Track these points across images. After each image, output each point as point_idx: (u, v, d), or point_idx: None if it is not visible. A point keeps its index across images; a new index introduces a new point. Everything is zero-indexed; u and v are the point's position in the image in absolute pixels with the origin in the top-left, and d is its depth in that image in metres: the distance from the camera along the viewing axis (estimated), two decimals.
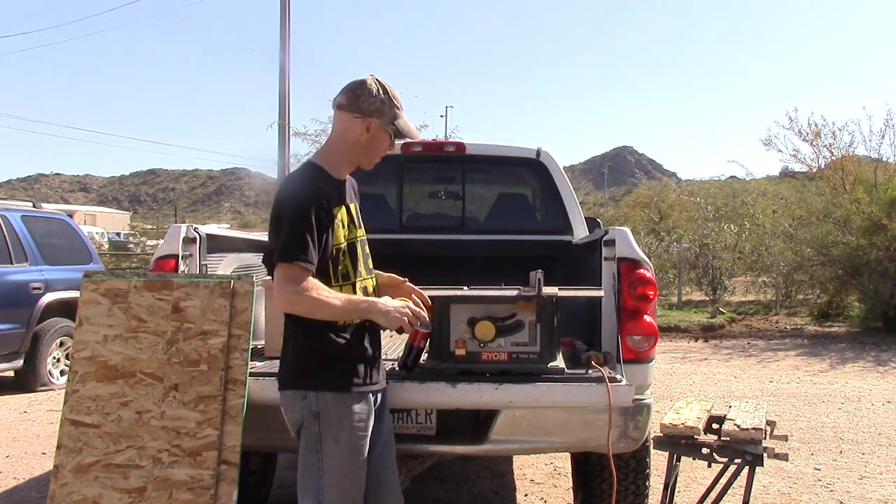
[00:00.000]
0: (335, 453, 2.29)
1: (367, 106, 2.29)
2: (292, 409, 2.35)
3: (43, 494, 4.31)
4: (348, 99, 2.30)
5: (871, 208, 11.98)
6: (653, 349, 3.05)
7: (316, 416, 2.28)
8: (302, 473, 2.34)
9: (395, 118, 2.34)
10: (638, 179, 56.37)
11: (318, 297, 2.18)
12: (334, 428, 2.28)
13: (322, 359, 2.30)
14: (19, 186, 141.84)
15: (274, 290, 2.23)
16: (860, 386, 8.01)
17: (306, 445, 2.32)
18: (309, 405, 2.29)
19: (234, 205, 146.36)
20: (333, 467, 2.29)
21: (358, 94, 2.29)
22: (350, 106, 2.30)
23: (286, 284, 2.18)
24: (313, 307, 2.19)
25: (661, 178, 42.62)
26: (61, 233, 8.33)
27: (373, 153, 2.40)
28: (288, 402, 2.36)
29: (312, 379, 2.31)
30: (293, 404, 2.34)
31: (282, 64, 14.58)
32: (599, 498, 3.41)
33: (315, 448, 2.30)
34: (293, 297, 2.18)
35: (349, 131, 2.32)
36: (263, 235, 4.87)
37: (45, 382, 7.62)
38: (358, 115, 2.30)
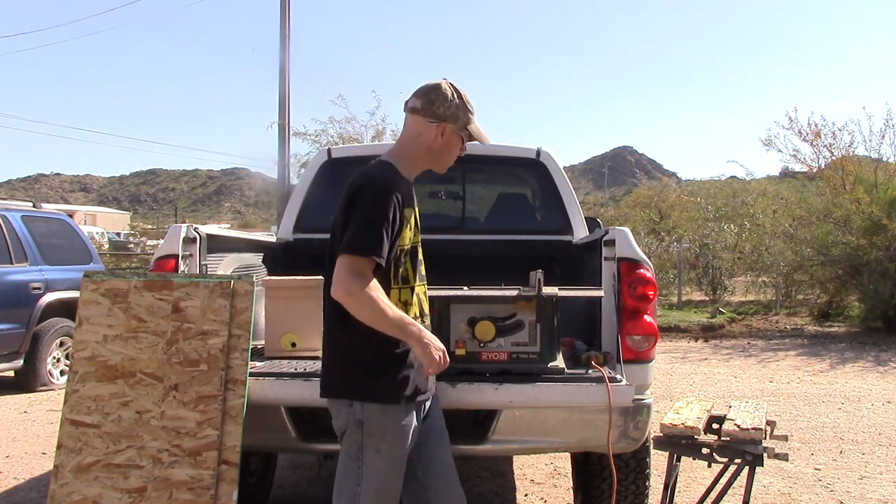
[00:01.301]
0: (375, 463, 2.26)
1: (442, 111, 2.30)
2: (337, 414, 2.32)
3: (43, 494, 4.31)
4: (423, 103, 2.30)
5: (871, 208, 11.98)
6: (653, 349, 3.05)
7: (360, 424, 2.25)
8: (340, 477, 2.31)
9: (468, 123, 2.35)
10: (638, 179, 56.20)
11: (376, 300, 2.12)
12: (376, 438, 2.25)
13: (371, 368, 2.25)
14: (19, 186, 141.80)
15: (335, 278, 2.15)
16: (860, 386, 8.01)
17: (347, 451, 2.30)
18: (354, 413, 2.26)
19: (234, 205, 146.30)
20: (372, 476, 2.26)
21: (433, 99, 2.30)
22: (425, 110, 2.30)
23: (351, 276, 2.11)
24: (367, 307, 2.13)
25: (661, 178, 42.53)
26: (61, 233, 8.33)
27: (445, 157, 2.39)
28: (333, 409, 2.34)
29: (359, 389, 2.26)
30: (338, 410, 2.31)
31: (282, 64, 14.58)
32: (599, 498, 3.41)
33: (356, 455, 2.27)
34: (354, 290, 2.11)
35: (423, 135, 2.32)
36: (263, 235, 4.89)
37: (45, 382, 7.62)
38: (433, 120, 2.30)
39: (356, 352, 2.26)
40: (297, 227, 4.62)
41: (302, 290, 3.17)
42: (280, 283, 3.24)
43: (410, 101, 2.34)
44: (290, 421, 2.87)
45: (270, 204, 42.92)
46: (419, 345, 2.20)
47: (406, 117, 2.36)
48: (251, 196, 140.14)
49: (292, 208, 4.69)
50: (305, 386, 2.73)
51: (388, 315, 2.14)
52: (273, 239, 4.48)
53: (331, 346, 2.33)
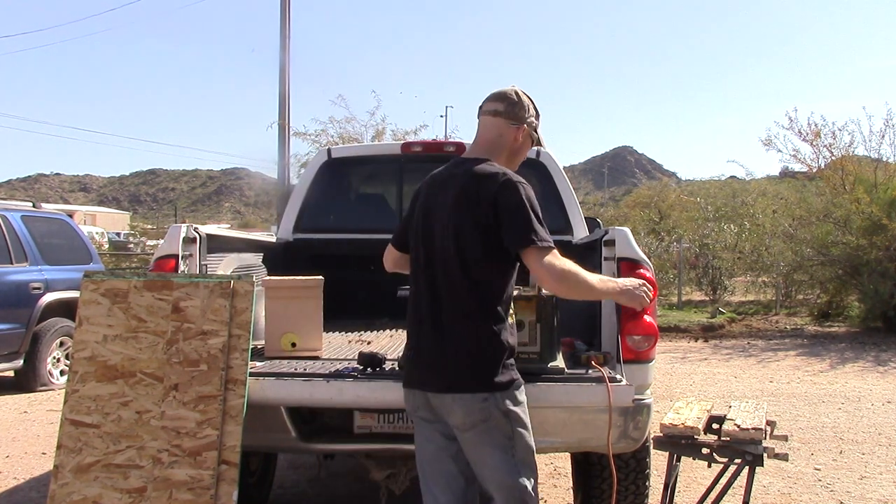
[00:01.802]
0: (527, 445, 2.31)
1: (523, 114, 2.46)
2: (469, 411, 2.25)
3: (43, 494, 4.31)
4: (506, 107, 2.45)
5: (871, 208, 11.98)
6: (653, 349, 3.05)
7: (507, 414, 2.26)
8: (492, 471, 2.27)
9: (538, 126, 2.54)
10: (638, 179, 56.42)
11: (581, 275, 2.26)
12: (522, 421, 2.30)
13: (500, 356, 2.28)
14: (19, 186, 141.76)
15: (547, 272, 2.23)
16: (860, 386, 8.01)
17: (495, 443, 2.26)
18: (496, 404, 2.25)
19: (234, 205, 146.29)
20: (528, 460, 2.31)
21: (514, 103, 2.46)
22: (507, 113, 2.45)
23: (554, 265, 2.23)
24: (579, 285, 2.27)
25: (661, 178, 42.61)
26: (61, 233, 8.33)
27: (520, 157, 2.55)
28: (462, 405, 2.26)
29: (495, 379, 2.26)
30: (470, 406, 2.24)
31: (282, 64, 14.58)
32: (599, 498, 3.41)
33: (509, 446, 2.27)
34: (565, 275, 2.23)
35: (504, 136, 2.45)
36: (263, 235, 4.89)
37: (45, 382, 7.62)
38: (515, 123, 2.45)
39: (483, 342, 2.27)
40: (297, 227, 4.61)
41: (302, 290, 3.17)
42: (280, 283, 3.24)
43: (489, 105, 2.47)
44: (290, 421, 2.87)
45: (270, 204, 42.91)
46: (626, 294, 2.36)
47: (484, 120, 2.48)
48: (251, 196, 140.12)
49: (292, 208, 4.69)
50: (305, 386, 2.72)
51: (595, 284, 2.30)
52: (273, 239, 4.48)
53: (453, 341, 2.29)
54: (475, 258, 2.27)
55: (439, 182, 2.44)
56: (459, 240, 2.29)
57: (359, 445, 3.00)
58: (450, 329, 2.29)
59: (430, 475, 2.39)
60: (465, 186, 2.32)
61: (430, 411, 2.35)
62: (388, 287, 3.62)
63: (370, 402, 2.76)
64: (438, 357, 2.31)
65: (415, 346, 2.42)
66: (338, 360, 3.07)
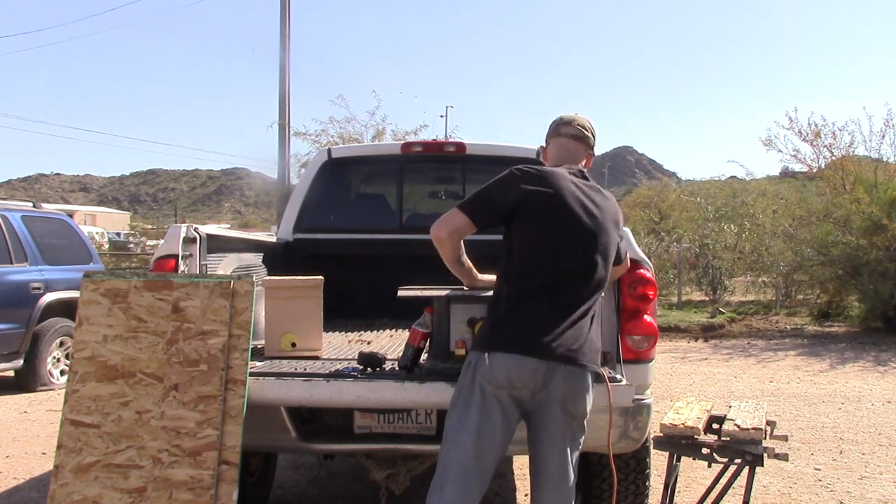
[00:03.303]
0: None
1: (593, 143, 2.78)
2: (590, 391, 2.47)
3: (43, 494, 4.31)
4: (587, 133, 2.74)
5: (871, 208, 11.98)
6: (653, 349, 3.05)
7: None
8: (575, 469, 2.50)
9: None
10: (638, 179, 56.42)
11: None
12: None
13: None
14: (19, 186, 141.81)
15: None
16: (860, 386, 8.01)
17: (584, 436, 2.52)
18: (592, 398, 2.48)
19: (234, 205, 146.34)
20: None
21: (592, 132, 2.76)
22: (586, 140, 2.74)
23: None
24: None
25: (661, 178, 42.56)
26: (61, 233, 8.32)
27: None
28: (590, 385, 2.46)
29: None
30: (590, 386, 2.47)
31: (282, 64, 14.57)
32: (599, 498, 3.40)
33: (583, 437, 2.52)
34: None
35: (581, 160, 2.72)
36: (263, 235, 4.88)
37: (45, 382, 7.62)
38: (589, 150, 2.75)
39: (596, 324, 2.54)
40: (297, 228, 4.61)
41: (302, 290, 3.17)
42: (280, 283, 3.24)
43: (570, 129, 2.72)
44: (290, 421, 2.87)
45: (270, 204, 42.85)
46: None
47: (569, 142, 2.71)
48: (251, 196, 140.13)
49: (292, 208, 4.69)
50: (305, 386, 2.72)
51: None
52: (273, 239, 4.47)
53: (587, 320, 2.48)
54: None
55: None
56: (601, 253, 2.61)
57: (359, 445, 3.00)
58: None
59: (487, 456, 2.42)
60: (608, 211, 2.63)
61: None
62: (388, 287, 3.62)
63: (370, 402, 2.76)
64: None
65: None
66: (338, 360, 3.07)
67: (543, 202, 2.48)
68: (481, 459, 2.37)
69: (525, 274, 2.46)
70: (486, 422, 2.36)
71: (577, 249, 2.47)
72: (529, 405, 2.40)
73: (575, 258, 2.46)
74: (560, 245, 2.46)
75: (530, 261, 2.46)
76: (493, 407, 2.36)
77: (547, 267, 2.45)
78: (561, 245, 2.46)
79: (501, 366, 2.35)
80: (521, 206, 2.48)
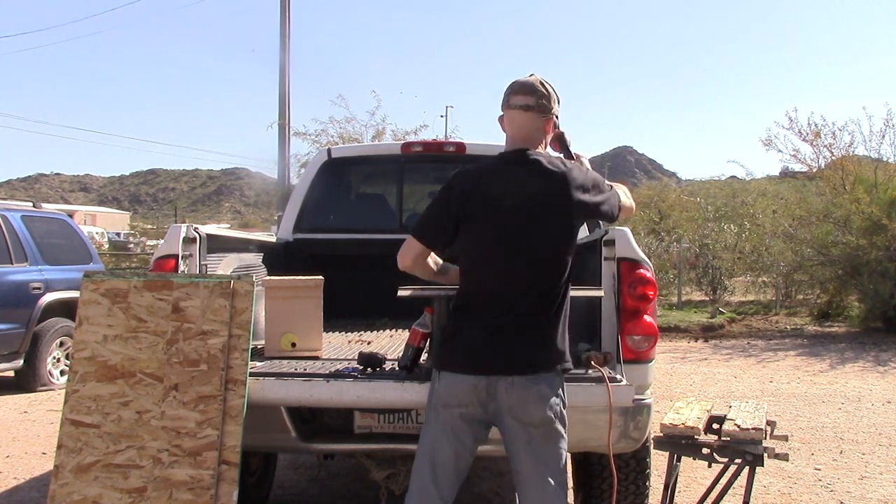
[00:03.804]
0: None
1: (550, 105, 2.48)
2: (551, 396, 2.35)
3: (43, 494, 4.31)
4: (535, 100, 2.44)
5: (871, 208, 11.98)
6: (653, 349, 3.05)
7: (565, 412, 2.39)
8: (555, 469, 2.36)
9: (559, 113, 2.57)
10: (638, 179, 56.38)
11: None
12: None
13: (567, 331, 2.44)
14: (19, 186, 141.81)
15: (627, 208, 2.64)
16: (860, 386, 8.01)
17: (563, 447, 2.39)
18: (564, 399, 2.39)
19: (234, 205, 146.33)
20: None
21: (542, 95, 2.46)
22: (538, 107, 2.45)
23: (628, 201, 2.62)
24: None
25: (661, 178, 42.56)
26: (61, 233, 8.32)
27: (546, 146, 2.58)
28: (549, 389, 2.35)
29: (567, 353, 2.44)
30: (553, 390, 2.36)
31: (282, 64, 14.59)
32: (599, 498, 3.40)
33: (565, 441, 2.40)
34: (630, 202, 2.64)
35: (539, 130, 2.48)
36: (263, 235, 4.88)
37: (45, 382, 7.62)
38: (545, 115, 2.47)
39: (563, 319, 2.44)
40: (297, 227, 4.61)
41: (302, 290, 3.17)
42: (280, 283, 3.24)
43: (519, 98, 2.45)
44: (290, 421, 2.87)
45: (270, 204, 42.83)
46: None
47: (516, 115, 2.46)
48: (251, 196, 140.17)
49: (292, 208, 4.69)
50: (305, 386, 2.72)
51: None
52: (273, 239, 4.47)
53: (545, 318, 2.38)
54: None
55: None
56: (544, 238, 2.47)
57: (359, 445, 3.00)
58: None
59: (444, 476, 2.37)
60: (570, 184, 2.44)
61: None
62: (388, 287, 3.62)
63: (370, 402, 2.76)
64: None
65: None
66: (338, 360, 3.07)
67: (475, 208, 2.40)
68: (437, 479, 2.35)
69: (464, 286, 2.44)
70: (440, 442, 2.36)
71: (512, 254, 2.36)
72: (488, 417, 2.36)
73: (510, 264, 2.36)
74: (494, 253, 2.37)
75: (469, 273, 2.43)
76: (445, 427, 2.36)
77: (483, 277, 2.39)
78: (494, 253, 2.37)
79: (445, 385, 2.37)
80: (461, 216, 2.42)
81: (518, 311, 2.34)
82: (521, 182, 2.38)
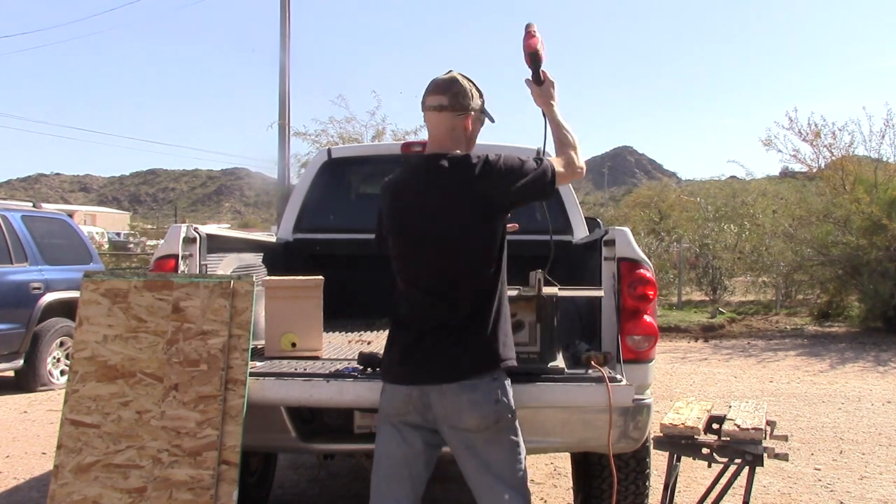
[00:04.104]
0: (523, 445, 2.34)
1: (466, 102, 2.40)
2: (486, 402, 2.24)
3: (43, 494, 4.31)
4: (449, 99, 2.38)
5: (871, 208, 11.98)
6: (653, 349, 3.05)
7: (514, 415, 2.30)
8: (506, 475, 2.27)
9: (483, 104, 2.48)
10: (638, 179, 56.45)
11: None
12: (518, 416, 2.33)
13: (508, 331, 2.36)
14: (19, 186, 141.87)
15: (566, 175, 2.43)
16: (860, 386, 8.01)
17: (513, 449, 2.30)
18: (506, 402, 2.27)
19: (234, 205, 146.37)
20: (525, 465, 2.32)
21: (456, 93, 2.38)
22: (452, 105, 2.38)
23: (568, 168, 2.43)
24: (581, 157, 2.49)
25: (661, 178, 42.60)
26: (61, 233, 8.33)
27: (473, 143, 2.50)
28: (483, 396, 2.25)
29: (504, 355, 2.31)
30: (488, 395, 2.25)
31: (282, 64, 14.56)
32: (599, 498, 3.40)
33: (518, 450, 2.30)
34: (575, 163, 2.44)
35: (457, 129, 2.41)
36: (263, 235, 4.88)
37: (45, 382, 7.62)
38: (461, 113, 2.40)
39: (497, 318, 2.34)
40: (297, 227, 4.61)
41: (302, 290, 3.17)
42: (280, 283, 3.24)
43: (432, 99, 2.39)
44: (290, 421, 2.87)
45: (270, 204, 42.80)
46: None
47: (431, 116, 2.40)
48: (251, 196, 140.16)
49: (292, 208, 4.69)
50: (305, 386, 2.72)
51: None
52: (273, 239, 4.47)
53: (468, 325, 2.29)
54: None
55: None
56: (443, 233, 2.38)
57: (359, 445, 3.00)
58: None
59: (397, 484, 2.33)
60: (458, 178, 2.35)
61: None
62: (388, 287, 3.63)
63: (370, 402, 2.75)
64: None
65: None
66: (338, 360, 3.07)
67: (388, 218, 2.43)
68: (391, 482, 2.34)
69: (396, 294, 2.43)
70: (389, 447, 2.35)
71: (424, 261, 2.33)
72: (429, 424, 2.32)
73: (425, 271, 2.33)
74: (409, 261, 2.36)
75: (398, 280, 2.42)
76: (393, 431, 2.35)
77: (406, 285, 2.38)
78: (409, 261, 2.36)
79: (386, 396, 2.38)
80: (384, 224, 2.47)
81: (439, 317, 2.29)
82: (424, 188, 2.34)
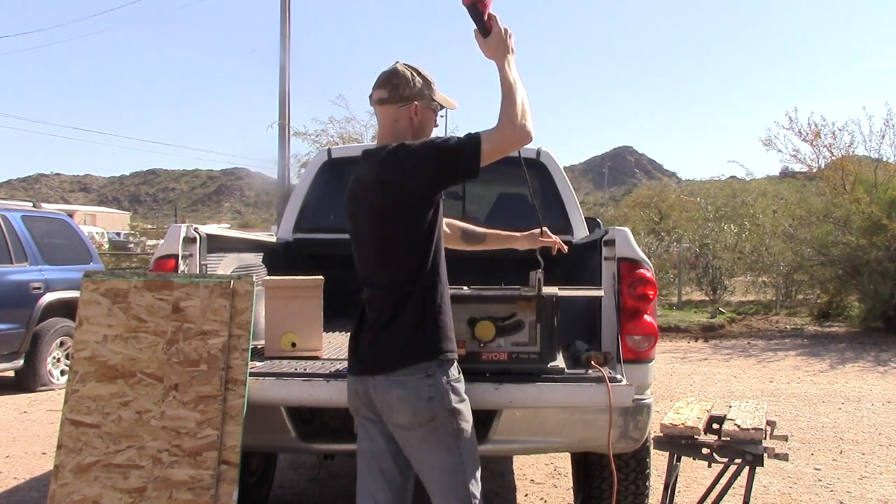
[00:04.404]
0: (471, 445, 2.26)
1: (408, 92, 2.33)
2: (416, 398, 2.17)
3: (43, 494, 4.31)
4: (388, 91, 2.33)
5: (871, 208, 11.98)
6: (653, 349, 3.05)
7: (452, 413, 2.21)
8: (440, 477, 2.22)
9: (433, 94, 2.40)
10: (638, 179, 56.45)
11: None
12: (465, 414, 2.25)
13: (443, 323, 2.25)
14: (19, 186, 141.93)
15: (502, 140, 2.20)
16: (860, 386, 8.01)
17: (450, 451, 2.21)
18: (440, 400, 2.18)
19: (234, 205, 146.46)
20: (473, 460, 2.26)
21: (396, 84, 2.33)
22: (392, 98, 2.33)
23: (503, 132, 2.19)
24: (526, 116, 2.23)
25: (661, 178, 42.61)
26: (61, 233, 8.33)
27: (425, 133, 2.41)
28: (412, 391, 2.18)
29: (436, 348, 2.21)
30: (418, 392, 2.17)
31: (282, 64, 14.57)
32: (599, 498, 3.40)
33: (455, 445, 2.22)
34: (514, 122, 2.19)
35: (400, 121, 2.35)
36: (263, 235, 4.88)
37: (45, 382, 7.62)
38: (403, 104, 2.33)
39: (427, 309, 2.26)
40: (297, 227, 4.61)
41: (302, 290, 3.17)
42: (280, 283, 3.24)
43: (375, 93, 2.36)
44: (290, 421, 2.86)
45: (270, 204, 42.82)
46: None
47: (377, 111, 2.39)
48: (251, 196, 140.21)
49: (292, 208, 4.69)
50: (305, 386, 2.72)
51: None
52: (273, 239, 4.47)
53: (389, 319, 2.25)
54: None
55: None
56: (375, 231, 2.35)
57: None
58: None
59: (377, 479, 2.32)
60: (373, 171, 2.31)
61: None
62: None
63: None
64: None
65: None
66: (338, 360, 3.07)
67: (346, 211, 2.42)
68: (367, 477, 2.33)
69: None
70: (360, 443, 2.37)
71: (361, 252, 2.35)
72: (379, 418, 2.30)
73: (362, 261, 2.35)
74: (355, 254, 2.39)
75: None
76: (360, 431, 2.37)
77: (359, 279, 2.39)
78: (355, 253, 2.38)
79: (347, 389, 2.41)
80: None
81: (375, 310, 2.28)
82: (355, 184, 2.36)
